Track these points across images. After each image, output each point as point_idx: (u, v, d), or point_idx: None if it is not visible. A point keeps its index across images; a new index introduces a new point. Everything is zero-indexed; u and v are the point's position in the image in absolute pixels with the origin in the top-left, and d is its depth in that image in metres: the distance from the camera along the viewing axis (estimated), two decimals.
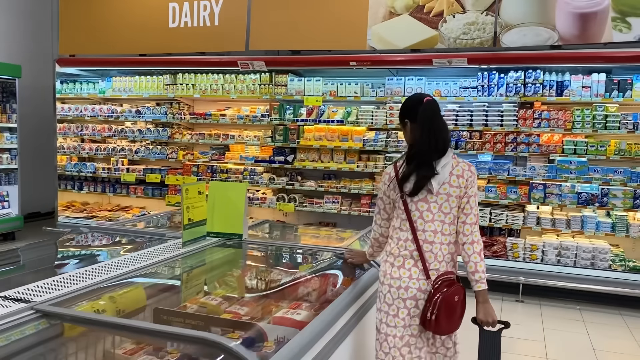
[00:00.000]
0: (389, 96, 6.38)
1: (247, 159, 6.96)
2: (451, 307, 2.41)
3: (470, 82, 6.11)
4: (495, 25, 5.83)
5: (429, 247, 2.47)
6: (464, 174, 2.47)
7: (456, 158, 2.53)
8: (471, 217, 2.46)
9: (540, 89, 5.83)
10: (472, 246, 2.44)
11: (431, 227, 2.47)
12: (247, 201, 3.32)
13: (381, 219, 2.69)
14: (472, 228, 2.46)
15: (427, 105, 2.50)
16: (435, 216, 2.47)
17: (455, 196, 2.46)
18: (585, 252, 5.59)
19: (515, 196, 5.92)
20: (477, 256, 2.44)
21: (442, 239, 2.47)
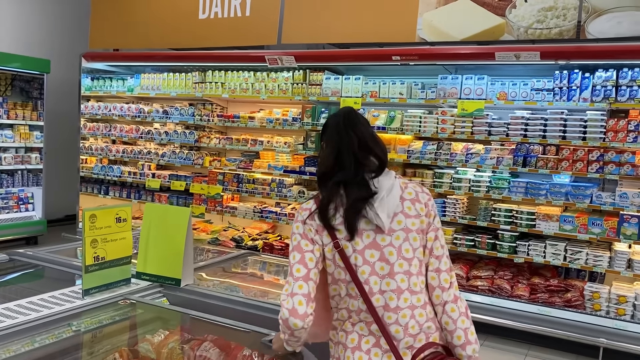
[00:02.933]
0: (441, 98, 5.24)
1: (276, 168, 6.08)
2: None
3: (544, 83, 4.85)
4: (579, 10, 4.54)
5: (394, 317, 1.71)
6: (419, 196, 1.81)
7: (402, 178, 1.85)
8: (444, 260, 1.78)
9: (638, 93, 4.47)
10: (457, 305, 1.74)
11: (391, 285, 1.71)
12: (191, 233, 2.39)
13: (302, 277, 1.72)
14: (450, 277, 1.77)
15: (333, 116, 1.89)
16: (394, 267, 1.72)
17: (417, 230, 1.76)
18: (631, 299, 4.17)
19: (599, 230, 4.59)
20: (465, 319, 1.74)
21: (413, 300, 1.73)
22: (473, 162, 5.09)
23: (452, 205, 5.19)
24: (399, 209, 1.75)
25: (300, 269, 1.73)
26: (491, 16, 4.92)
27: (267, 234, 6.32)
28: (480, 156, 5.07)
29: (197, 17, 6.39)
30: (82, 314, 2.09)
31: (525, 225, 4.84)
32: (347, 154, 1.76)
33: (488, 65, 5.08)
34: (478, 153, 5.10)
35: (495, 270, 5.04)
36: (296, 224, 1.82)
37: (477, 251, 5.08)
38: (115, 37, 7.02)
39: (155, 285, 2.38)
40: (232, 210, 6.33)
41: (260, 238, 6.15)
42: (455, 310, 1.74)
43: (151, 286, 2.37)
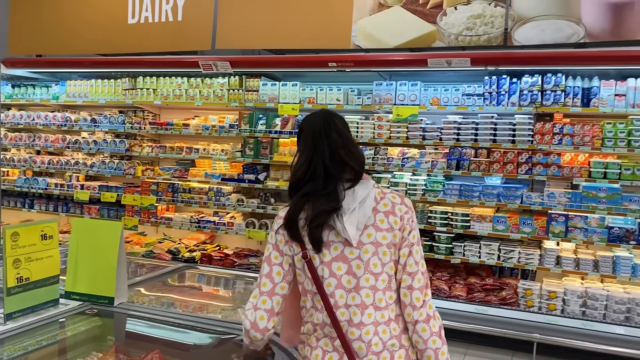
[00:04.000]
0: (377, 104, 5.31)
1: (213, 176, 5.93)
2: None
3: (475, 89, 5.02)
4: (506, 18, 4.72)
5: (357, 333, 1.65)
6: (395, 209, 1.71)
7: (380, 188, 1.77)
8: (418, 277, 1.70)
9: (561, 97, 4.70)
10: (429, 325, 1.68)
11: (356, 299, 1.66)
12: (123, 248, 2.26)
13: (267, 293, 1.72)
14: (423, 295, 1.69)
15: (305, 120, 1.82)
16: (360, 281, 1.67)
17: (387, 244, 1.69)
18: (619, 304, 4.41)
19: (529, 229, 4.78)
20: (437, 339, 1.68)
21: (377, 317, 1.67)
22: (409, 166, 5.17)
23: None
24: (370, 221, 1.69)
25: (267, 283, 1.72)
26: (423, 24, 5.03)
27: (205, 245, 6.15)
28: (416, 160, 5.16)
29: (127, 21, 6.14)
30: (4, 341, 1.92)
31: (460, 227, 4.97)
32: (318, 164, 1.70)
33: (421, 71, 5.19)
34: (413, 157, 5.20)
35: (433, 272, 5.14)
36: (270, 233, 1.80)
37: None
38: (38, 42, 6.62)
39: (87, 305, 2.23)
40: (168, 221, 6.12)
41: (198, 249, 5.98)
42: (426, 330, 1.69)
43: (82, 306, 2.21)
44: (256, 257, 5.77)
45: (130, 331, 2.04)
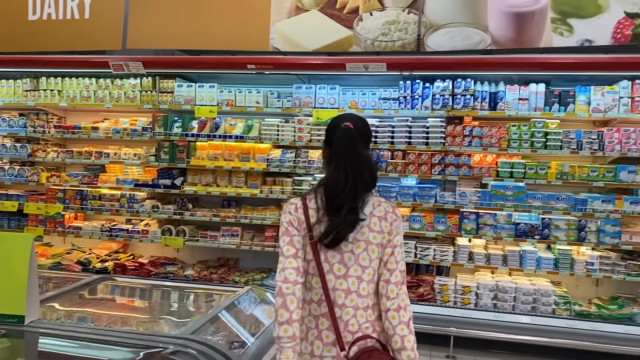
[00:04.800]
0: (297, 107, 5.31)
1: (126, 182, 5.66)
2: None
3: (391, 93, 5.16)
4: (419, 25, 4.90)
5: (339, 312, 1.96)
6: (387, 216, 2.03)
7: (378, 196, 2.09)
8: (396, 274, 1.99)
9: (471, 101, 4.95)
10: (398, 314, 1.94)
11: (343, 284, 1.97)
12: (34, 263, 2.08)
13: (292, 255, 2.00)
14: (398, 289, 1.97)
15: (343, 133, 2.00)
16: (349, 271, 1.98)
17: (377, 244, 2.00)
18: (526, 295, 4.70)
19: (444, 227, 4.98)
20: (404, 327, 1.94)
21: (358, 302, 1.96)
22: None
23: None
24: (366, 222, 1.98)
25: (290, 248, 1.99)
26: (340, 28, 5.10)
27: (118, 254, 5.85)
28: None
29: (27, 17, 5.73)
30: None
31: None
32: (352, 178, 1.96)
33: (339, 75, 5.26)
34: None
35: None
36: (284, 215, 2.05)
37: None
38: None
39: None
40: (76, 230, 5.75)
41: (111, 259, 5.67)
42: (395, 318, 1.93)
43: None
44: (173, 265, 5.57)
45: (45, 351, 1.87)
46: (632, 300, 4.82)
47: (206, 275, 5.39)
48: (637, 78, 4.68)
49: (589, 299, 4.94)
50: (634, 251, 4.76)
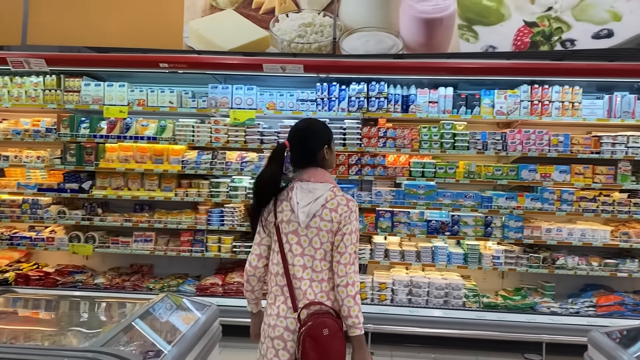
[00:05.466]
0: (213, 108, 5.22)
1: (28, 187, 5.29)
2: (319, 343, 2.23)
3: (308, 94, 5.20)
4: (334, 28, 4.98)
5: (298, 284, 2.35)
6: (338, 208, 2.37)
7: (334, 191, 2.40)
8: (346, 256, 2.33)
9: (384, 103, 5.09)
10: (346, 289, 2.29)
11: (300, 261, 2.37)
12: None
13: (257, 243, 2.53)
14: (347, 269, 2.31)
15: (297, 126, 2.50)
16: (305, 250, 2.37)
17: (327, 231, 2.36)
18: (438, 289, 4.91)
19: (361, 226, 5.09)
20: (350, 300, 2.28)
21: (313, 276, 2.35)
22: (248, 170, 5.17)
23: (230, 214, 5.19)
24: (318, 212, 2.35)
25: (257, 236, 2.51)
26: (256, 29, 5.07)
27: (20, 264, 5.45)
28: (255, 164, 5.18)
29: None
30: None
31: None
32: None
33: (256, 76, 5.23)
34: (252, 161, 5.21)
35: None
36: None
37: None
38: None
39: None
40: None
41: (12, 269, 5.27)
42: (343, 292, 2.28)
43: None
44: (82, 274, 5.28)
45: None
46: (534, 291, 5.17)
47: (118, 283, 5.15)
48: (536, 83, 5.03)
49: (496, 291, 5.24)
50: (535, 244, 5.10)
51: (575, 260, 4.92)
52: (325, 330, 2.23)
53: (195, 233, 5.26)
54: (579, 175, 4.95)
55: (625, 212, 4.89)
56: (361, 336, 2.30)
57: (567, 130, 5.09)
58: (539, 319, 4.74)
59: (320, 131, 2.46)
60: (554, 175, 4.95)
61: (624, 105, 4.90)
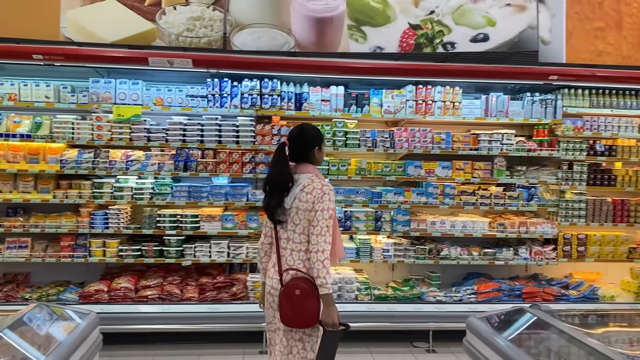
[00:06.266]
0: (95, 103, 4.90)
1: None
2: (291, 299, 2.73)
3: (199, 90, 5.04)
4: (224, 23, 4.88)
5: (283, 252, 2.87)
6: (313, 191, 2.81)
7: (312, 179, 2.86)
8: (317, 229, 2.76)
9: (278, 101, 5.08)
10: (317, 255, 2.72)
11: (284, 235, 2.89)
12: None
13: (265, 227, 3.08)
14: (318, 239, 2.74)
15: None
16: (289, 226, 2.86)
17: (304, 210, 2.81)
18: (332, 284, 4.98)
19: (256, 225, 5.04)
20: (319, 264, 2.70)
21: (293, 246, 2.85)
22: (134, 169, 4.92)
23: (115, 216, 4.91)
24: (298, 196, 2.82)
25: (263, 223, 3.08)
26: (141, 20, 4.84)
27: None
28: (141, 163, 4.94)
29: None
30: None
31: (190, 228, 4.95)
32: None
33: (143, 70, 4.98)
34: (139, 160, 4.96)
35: (164, 277, 5.00)
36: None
37: (144, 260, 4.94)
38: None
39: None
40: None
41: None
42: (314, 257, 2.71)
43: None
44: None
45: None
46: (422, 281, 5.43)
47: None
48: (420, 83, 5.26)
49: (386, 282, 5.43)
50: (421, 237, 5.35)
51: (458, 250, 5.23)
52: (297, 290, 2.72)
53: (77, 237, 4.91)
54: (460, 170, 5.26)
55: (501, 205, 5.28)
56: (328, 295, 2.69)
57: (449, 129, 5.39)
58: (426, 308, 4.97)
59: (311, 136, 2.98)
60: (437, 171, 5.22)
61: (499, 105, 5.28)
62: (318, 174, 2.93)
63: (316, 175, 2.89)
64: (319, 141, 2.99)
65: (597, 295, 5.21)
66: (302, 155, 2.96)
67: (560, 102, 5.28)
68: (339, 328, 2.68)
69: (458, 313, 4.88)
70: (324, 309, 2.71)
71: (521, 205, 5.29)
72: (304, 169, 2.93)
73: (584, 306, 4.94)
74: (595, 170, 5.42)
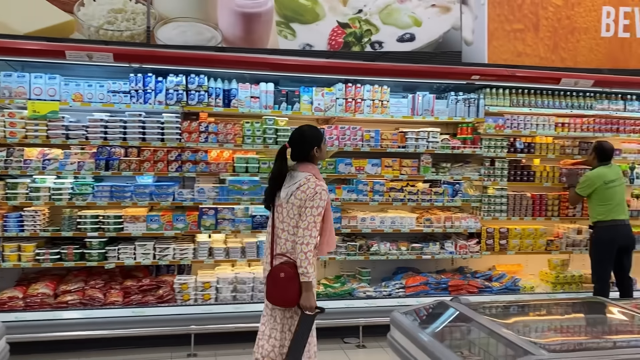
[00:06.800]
0: (7, 98, 4.62)
1: None
2: (275, 280, 3.10)
3: (121, 85, 4.84)
4: (148, 16, 4.72)
5: (278, 241, 3.19)
6: (307, 190, 3.08)
7: (308, 178, 3.12)
8: (305, 222, 3.05)
9: (205, 97, 4.96)
10: (302, 246, 3.03)
11: (280, 226, 3.18)
12: None
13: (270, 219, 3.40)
14: (304, 232, 3.04)
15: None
16: (284, 219, 3.16)
17: (297, 206, 3.10)
18: (263, 284, 4.91)
19: (183, 225, 4.91)
20: (303, 254, 3.02)
21: (287, 237, 3.15)
22: (52, 168, 4.66)
23: (31, 218, 4.63)
24: (293, 192, 3.10)
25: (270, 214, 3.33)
26: (58, 12, 4.60)
27: None
28: (60, 162, 4.69)
29: None
30: None
31: (113, 230, 4.75)
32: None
33: (60, 64, 4.71)
34: (57, 159, 4.71)
35: (86, 281, 4.78)
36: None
37: (64, 264, 4.70)
38: None
39: None
40: None
41: None
42: (299, 248, 3.02)
43: None
44: None
45: None
46: (352, 277, 5.48)
47: None
48: (350, 81, 5.30)
49: (319, 279, 5.44)
50: (352, 233, 5.40)
51: (387, 246, 5.31)
52: (282, 274, 3.06)
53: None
54: (388, 167, 5.34)
55: (427, 200, 5.41)
56: (308, 282, 3.03)
57: (378, 127, 5.46)
58: (356, 303, 5.03)
59: (309, 137, 3.21)
60: (367, 168, 5.28)
61: (425, 104, 5.40)
62: (316, 173, 3.18)
63: (314, 175, 3.16)
64: (318, 141, 3.23)
65: (518, 287, 5.46)
66: (302, 155, 3.22)
67: (483, 101, 5.48)
68: (315, 311, 3.04)
69: (387, 308, 4.94)
70: (303, 294, 3.04)
71: (446, 201, 5.45)
72: (303, 168, 3.20)
73: (503, 297, 5.15)
74: (515, 167, 5.67)
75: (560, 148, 5.74)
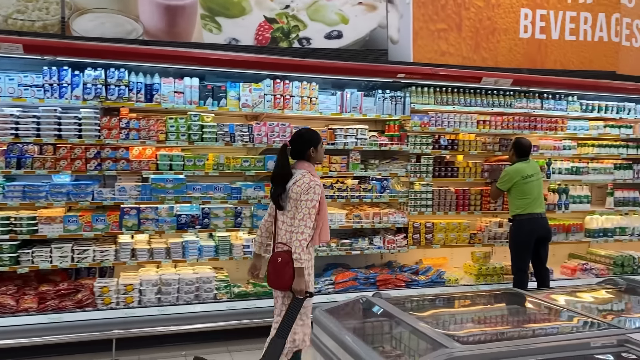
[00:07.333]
0: None
1: None
2: (274, 266, 3.54)
3: (34, 79, 4.57)
4: (62, 6, 4.45)
5: (279, 231, 3.64)
6: (302, 185, 3.49)
7: (304, 175, 3.54)
8: (301, 214, 3.45)
9: (126, 92, 4.76)
10: (297, 235, 3.43)
11: (281, 218, 3.63)
12: None
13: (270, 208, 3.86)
14: (300, 223, 3.43)
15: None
16: (285, 211, 3.59)
17: (294, 199, 3.52)
18: (189, 285, 4.81)
19: (103, 225, 4.69)
20: (297, 242, 3.42)
21: (286, 227, 3.59)
22: None
23: None
24: (291, 188, 3.50)
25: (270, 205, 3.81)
26: None
27: None
28: None
29: None
30: None
31: (26, 232, 4.48)
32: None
33: None
34: None
35: None
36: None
37: None
38: None
39: None
40: None
41: None
42: (294, 237, 3.43)
43: None
44: None
45: None
46: None
47: None
48: (278, 77, 5.25)
49: (248, 279, 5.36)
50: None
51: None
52: (279, 259, 3.49)
53: None
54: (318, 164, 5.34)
55: (356, 197, 5.46)
56: (301, 268, 3.41)
57: (307, 123, 5.42)
58: None
59: (306, 139, 3.64)
60: None
61: (353, 102, 5.44)
62: (311, 171, 3.59)
63: (309, 172, 3.56)
64: (314, 143, 3.64)
65: (444, 279, 5.61)
66: (300, 154, 3.64)
67: (409, 99, 5.58)
68: (305, 295, 3.40)
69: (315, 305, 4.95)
70: (295, 279, 3.42)
71: (375, 197, 5.52)
72: (300, 166, 3.62)
73: (429, 290, 5.28)
74: (440, 163, 5.82)
75: (482, 145, 5.94)
